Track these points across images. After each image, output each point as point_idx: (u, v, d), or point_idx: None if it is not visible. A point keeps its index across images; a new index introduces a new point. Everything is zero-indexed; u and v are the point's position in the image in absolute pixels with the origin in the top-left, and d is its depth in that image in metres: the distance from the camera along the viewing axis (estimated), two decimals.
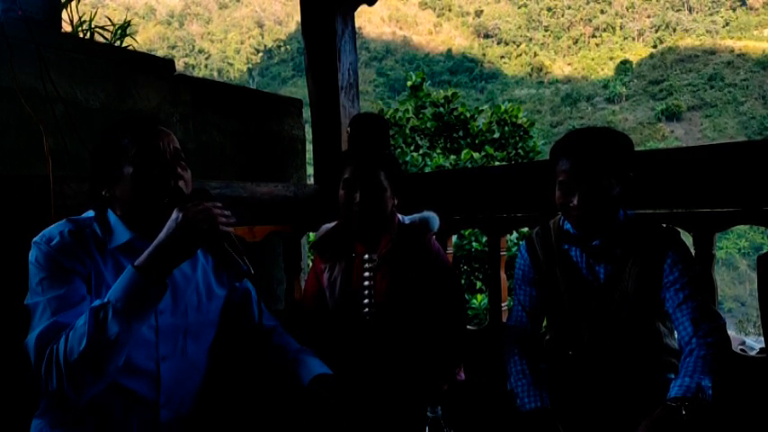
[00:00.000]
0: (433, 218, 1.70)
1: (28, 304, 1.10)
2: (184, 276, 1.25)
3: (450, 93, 7.01)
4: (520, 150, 6.80)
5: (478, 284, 5.57)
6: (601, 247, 1.39)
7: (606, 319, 1.39)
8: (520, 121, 6.88)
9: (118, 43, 2.96)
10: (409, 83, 7.23)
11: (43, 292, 1.08)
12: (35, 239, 1.14)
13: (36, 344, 1.04)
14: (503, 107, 6.94)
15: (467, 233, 5.44)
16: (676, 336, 1.36)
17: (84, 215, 1.22)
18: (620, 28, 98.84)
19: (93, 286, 1.14)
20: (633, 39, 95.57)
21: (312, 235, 3.47)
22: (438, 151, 6.76)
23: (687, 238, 1.53)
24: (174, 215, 1.05)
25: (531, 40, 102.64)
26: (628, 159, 1.35)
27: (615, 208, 1.36)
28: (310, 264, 2.11)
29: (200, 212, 1.05)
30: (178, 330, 1.22)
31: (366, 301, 1.64)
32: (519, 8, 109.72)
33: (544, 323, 1.62)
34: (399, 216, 1.72)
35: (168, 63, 2.55)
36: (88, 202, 1.23)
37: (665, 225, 1.43)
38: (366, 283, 1.64)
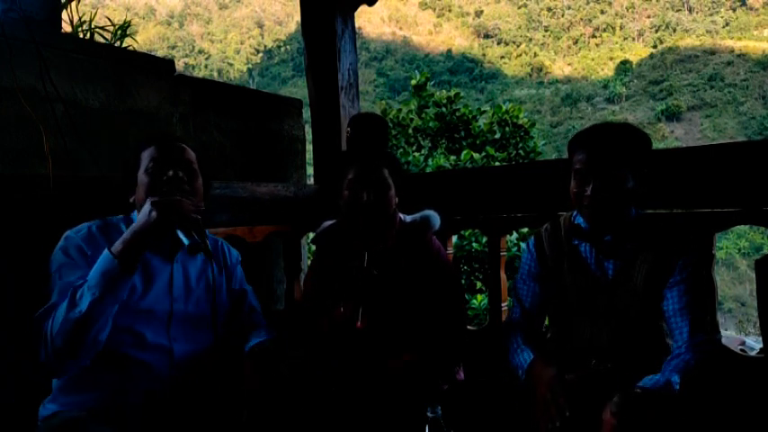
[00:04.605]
0: (434, 216, 1.71)
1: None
2: (197, 271, 1.42)
3: (453, 93, 7.02)
4: (520, 151, 6.81)
5: (478, 284, 5.57)
6: (612, 242, 1.40)
7: (613, 314, 1.40)
8: (521, 122, 6.89)
9: (118, 43, 2.96)
10: (413, 81, 7.24)
11: (60, 278, 1.21)
12: (66, 233, 1.29)
13: (35, 322, 1.16)
14: (504, 108, 6.95)
15: (467, 233, 5.44)
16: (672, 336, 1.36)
17: (113, 216, 1.39)
18: (620, 28, 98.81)
19: None
20: (633, 39, 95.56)
21: (312, 235, 3.47)
22: (440, 151, 6.77)
23: None
24: (146, 206, 1.19)
25: (531, 40, 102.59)
26: (644, 155, 1.35)
27: (628, 202, 1.36)
28: (309, 265, 2.11)
29: (168, 202, 1.19)
30: (189, 318, 1.36)
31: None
32: (519, 8, 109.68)
33: (545, 323, 1.63)
34: (400, 215, 1.72)
35: (168, 63, 2.55)
36: (117, 207, 1.41)
37: (683, 228, 1.44)
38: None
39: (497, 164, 6.26)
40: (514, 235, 5.40)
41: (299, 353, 1.64)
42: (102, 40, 2.86)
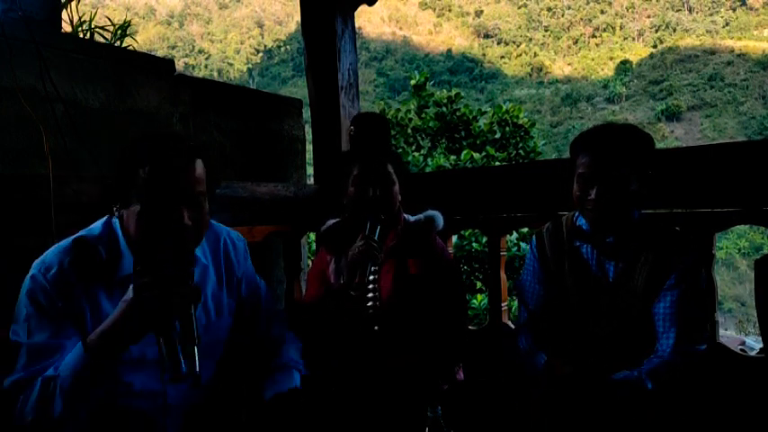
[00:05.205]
0: (438, 216, 1.72)
1: (14, 340, 1.07)
2: None
3: (453, 93, 7.03)
4: (520, 151, 6.81)
5: (478, 284, 5.57)
6: (614, 244, 1.40)
7: (614, 315, 1.40)
8: (521, 122, 6.89)
9: (118, 43, 2.96)
10: (413, 81, 7.25)
11: (28, 334, 1.05)
12: (33, 270, 1.08)
13: (6, 394, 1.03)
14: (504, 108, 6.96)
15: (467, 233, 5.45)
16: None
17: (93, 231, 1.16)
18: (620, 28, 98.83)
19: (91, 323, 1.09)
20: (633, 39, 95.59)
21: (312, 235, 3.47)
22: (440, 151, 6.77)
23: None
24: (127, 293, 0.99)
25: (531, 40, 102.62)
26: (648, 157, 1.35)
27: (632, 204, 1.36)
28: (310, 264, 2.10)
29: (151, 291, 0.95)
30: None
31: (370, 294, 1.64)
32: (519, 8, 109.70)
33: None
34: (404, 215, 1.73)
35: (168, 63, 2.55)
36: (100, 209, 1.20)
37: (678, 229, 1.45)
38: (371, 277, 1.64)
39: (497, 164, 6.26)
40: (514, 235, 5.40)
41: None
42: (102, 40, 2.85)
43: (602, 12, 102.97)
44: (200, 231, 1.15)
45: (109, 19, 3.01)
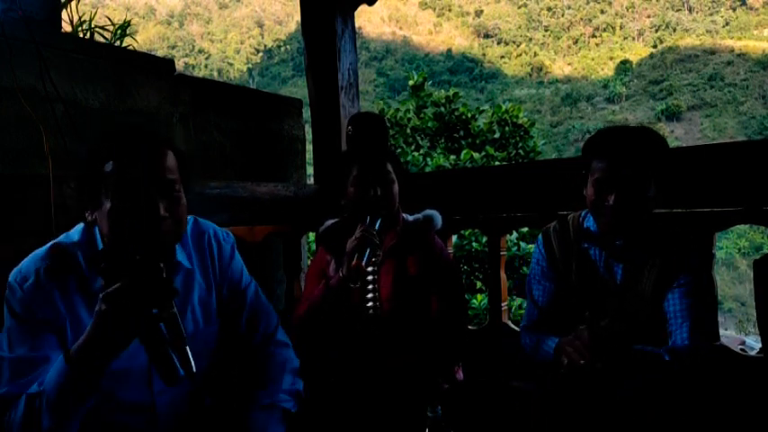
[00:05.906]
0: (437, 216, 1.72)
1: None
2: (180, 301, 1.15)
3: (451, 93, 7.04)
4: (520, 150, 6.82)
5: (478, 284, 5.58)
6: (623, 246, 1.39)
7: (622, 318, 1.39)
8: (520, 122, 6.91)
9: (118, 43, 2.96)
10: (411, 82, 7.27)
11: (9, 347, 1.02)
12: (10, 279, 1.05)
13: None
14: (503, 107, 6.97)
15: (467, 233, 5.45)
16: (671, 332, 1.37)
17: (71, 237, 1.11)
18: (620, 28, 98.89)
19: (71, 333, 1.06)
20: (633, 39, 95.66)
21: (312, 234, 3.47)
22: (439, 151, 6.79)
23: None
24: (98, 302, 0.91)
25: (531, 40, 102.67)
26: (664, 160, 1.33)
27: (649, 209, 1.34)
28: (310, 264, 2.10)
29: (121, 296, 0.88)
30: None
31: (370, 295, 1.64)
32: (519, 8, 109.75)
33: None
34: (403, 214, 1.73)
35: (168, 63, 2.55)
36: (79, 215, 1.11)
37: (687, 230, 1.43)
38: (370, 277, 1.64)
39: (497, 163, 6.27)
40: (514, 235, 5.40)
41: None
42: (102, 40, 2.85)
43: (602, 12, 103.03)
44: (179, 226, 1.08)
45: (109, 19, 3.01)
